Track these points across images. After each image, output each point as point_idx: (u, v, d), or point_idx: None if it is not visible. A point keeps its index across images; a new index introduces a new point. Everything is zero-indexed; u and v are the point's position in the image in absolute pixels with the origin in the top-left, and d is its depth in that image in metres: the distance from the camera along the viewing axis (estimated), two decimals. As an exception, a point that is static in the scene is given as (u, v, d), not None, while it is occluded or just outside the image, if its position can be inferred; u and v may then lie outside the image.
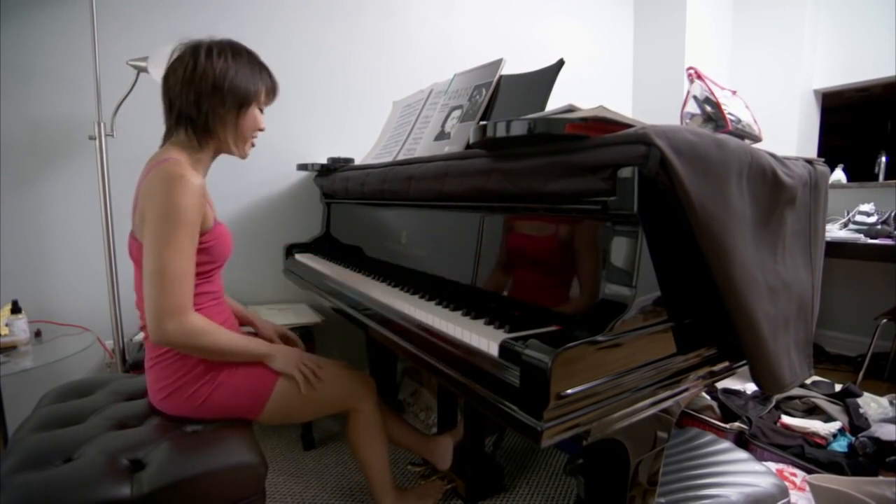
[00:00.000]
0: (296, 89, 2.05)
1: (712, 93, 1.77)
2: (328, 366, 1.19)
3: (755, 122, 1.84)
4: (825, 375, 2.05)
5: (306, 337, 1.71)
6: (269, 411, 1.09)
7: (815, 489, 1.22)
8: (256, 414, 1.09)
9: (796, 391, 1.79)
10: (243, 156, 1.16)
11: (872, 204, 2.38)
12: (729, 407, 1.70)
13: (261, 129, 1.15)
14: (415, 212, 1.34)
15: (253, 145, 1.17)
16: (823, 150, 3.26)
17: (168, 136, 1.10)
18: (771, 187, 0.90)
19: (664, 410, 0.83)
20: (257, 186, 2.00)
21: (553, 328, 0.81)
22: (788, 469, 1.42)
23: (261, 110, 1.14)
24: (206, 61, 1.02)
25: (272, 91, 1.15)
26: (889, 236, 2.17)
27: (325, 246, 1.92)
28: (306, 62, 2.06)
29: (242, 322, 1.33)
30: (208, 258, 1.06)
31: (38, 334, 1.46)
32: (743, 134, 1.74)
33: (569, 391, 0.65)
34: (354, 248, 1.71)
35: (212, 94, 1.02)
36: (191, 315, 0.97)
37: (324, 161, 1.98)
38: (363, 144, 2.03)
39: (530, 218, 0.98)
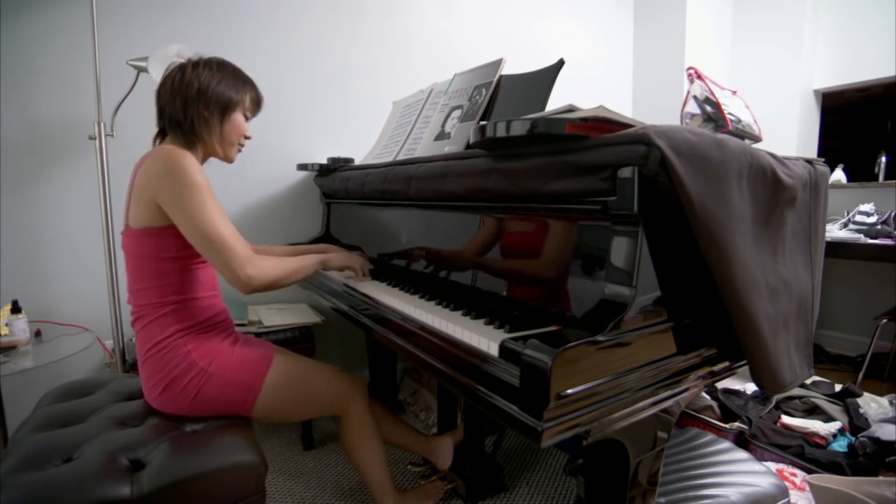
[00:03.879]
0: (296, 89, 2.05)
1: (712, 93, 1.77)
2: (320, 366, 1.21)
3: (755, 122, 1.84)
4: (825, 375, 2.04)
5: (306, 337, 1.71)
6: (261, 406, 1.09)
7: (815, 489, 1.22)
8: (249, 409, 1.09)
9: (796, 391, 1.79)
10: (229, 159, 1.19)
11: (872, 204, 2.37)
12: (729, 407, 1.70)
13: (247, 137, 1.20)
14: (415, 212, 1.34)
15: (240, 150, 1.20)
16: (823, 150, 3.26)
17: (158, 139, 1.16)
18: (771, 187, 0.90)
19: (664, 410, 0.83)
20: (257, 186, 2.00)
21: (553, 328, 0.81)
22: (788, 469, 1.42)
23: (246, 118, 1.19)
24: (192, 72, 1.09)
25: (256, 102, 1.21)
26: (889, 236, 2.17)
27: (325, 246, 1.92)
28: (306, 62, 2.06)
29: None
30: None
31: (38, 334, 1.46)
32: (743, 134, 1.74)
33: (569, 391, 0.65)
34: (354, 248, 1.71)
35: (197, 99, 1.08)
36: (255, 259, 1.02)
37: (324, 161, 1.98)
38: (363, 144, 2.03)
39: (530, 218, 0.98)
